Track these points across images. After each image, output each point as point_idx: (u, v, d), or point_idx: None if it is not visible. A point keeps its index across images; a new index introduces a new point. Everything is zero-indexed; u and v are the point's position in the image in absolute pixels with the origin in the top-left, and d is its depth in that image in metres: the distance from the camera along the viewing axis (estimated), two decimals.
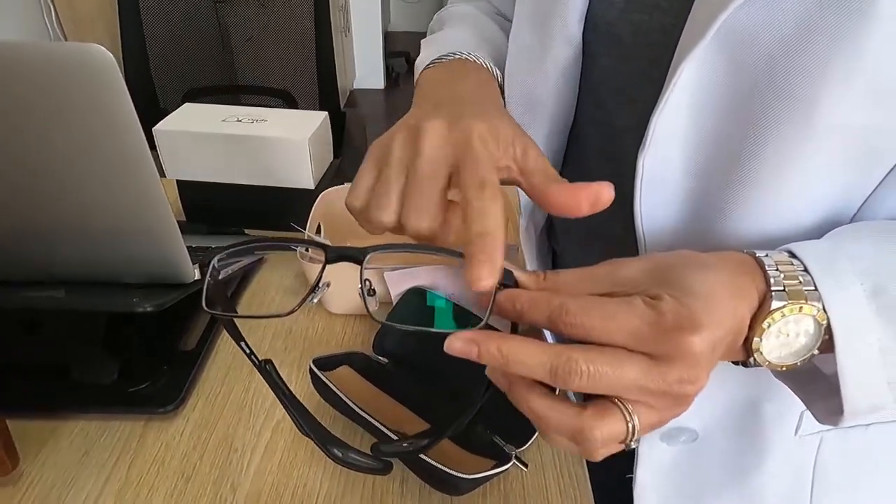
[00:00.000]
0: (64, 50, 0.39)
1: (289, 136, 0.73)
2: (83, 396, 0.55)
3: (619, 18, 0.38)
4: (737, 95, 0.32)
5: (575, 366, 0.26)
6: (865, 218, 0.35)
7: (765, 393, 0.42)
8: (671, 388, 0.27)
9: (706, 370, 0.27)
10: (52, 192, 0.47)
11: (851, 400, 0.29)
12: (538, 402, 0.29)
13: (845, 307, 0.28)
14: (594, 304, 0.27)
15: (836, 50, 0.28)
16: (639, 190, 0.37)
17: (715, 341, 0.27)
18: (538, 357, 0.27)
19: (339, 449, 0.36)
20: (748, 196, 0.34)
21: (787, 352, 0.29)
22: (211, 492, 0.49)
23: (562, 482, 0.50)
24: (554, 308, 0.28)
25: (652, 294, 0.27)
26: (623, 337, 0.27)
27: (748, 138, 0.32)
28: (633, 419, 0.27)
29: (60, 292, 0.52)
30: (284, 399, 0.36)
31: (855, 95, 0.29)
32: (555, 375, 0.27)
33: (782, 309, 0.28)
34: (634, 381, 0.26)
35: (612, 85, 0.41)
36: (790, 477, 0.45)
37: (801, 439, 0.43)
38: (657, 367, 0.27)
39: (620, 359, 0.27)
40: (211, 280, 0.34)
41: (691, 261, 0.29)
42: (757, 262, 0.30)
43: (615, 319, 0.27)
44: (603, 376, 0.26)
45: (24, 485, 0.48)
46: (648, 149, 0.35)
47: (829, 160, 0.32)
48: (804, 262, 0.29)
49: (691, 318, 0.26)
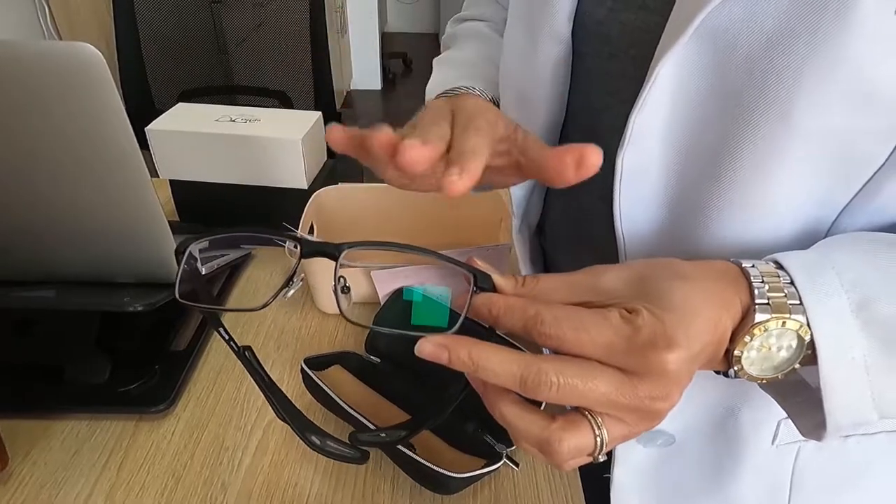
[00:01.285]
0: (53, 49, 0.40)
1: (282, 136, 0.73)
2: (74, 396, 0.55)
3: (608, 17, 0.38)
4: (716, 95, 0.32)
5: (545, 377, 0.26)
6: (844, 224, 0.34)
7: (743, 401, 0.42)
8: (642, 403, 0.27)
9: (679, 387, 0.27)
10: (42, 191, 0.47)
11: (835, 415, 0.29)
12: (508, 408, 0.29)
13: (830, 322, 0.28)
14: (568, 316, 0.27)
15: (815, 51, 0.28)
16: (618, 188, 0.37)
17: (690, 358, 0.27)
18: (508, 366, 0.27)
19: (316, 437, 0.36)
20: (727, 198, 0.34)
21: (768, 365, 0.29)
22: (202, 491, 0.49)
23: (553, 481, 0.50)
24: (529, 317, 0.28)
25: (629, 307, 0.27)
26: (596, 350, 0.27)
27: (726, 138, 0.32)
28: (602, 432, 0.27)
29: (51, 292, 0.52)
30: (263, 385, 0.36)
31: (834, 98, 0.29)
32: (524, 386, 0.27)
33: (765, 323, 0.27)
34: (605, 394, 0.26)
35: (599, 84, 0.41)
36: (767, 485, 0.45)
37: (778, 448, 0.43)
38: (629, 381, 0.26)
39: (592, 372, 0.26)
40: (187, 267, 0.33)
41: (673, 271, 0.29)
42: (742, 273, 0.29)
43: (589, 332, 0.27)
44: (573, 389, 0.26)
45: (14, 484, 0.48)
46: (627, 147, 0.35)
47: (808, 164, 0.31)
48: (790, 274, 0.29)
49: (666, 335, 0.26)
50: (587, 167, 0.30)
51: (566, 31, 0.40)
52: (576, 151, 0.30)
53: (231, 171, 0.75)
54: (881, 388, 0.28)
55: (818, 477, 0.45)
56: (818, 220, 0.34)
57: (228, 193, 0.76)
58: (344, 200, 0.75)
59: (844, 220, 0.34)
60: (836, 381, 0.28)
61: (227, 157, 0.74)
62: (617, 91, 0.39)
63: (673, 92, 0.33)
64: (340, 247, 0.31)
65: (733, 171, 0.32)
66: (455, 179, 0.29)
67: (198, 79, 1.55)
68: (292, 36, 1.49)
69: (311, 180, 0.77)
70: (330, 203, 0.74)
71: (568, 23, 0.40)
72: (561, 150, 0.31)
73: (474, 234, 0.75)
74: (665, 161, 0.35)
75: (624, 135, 0.35)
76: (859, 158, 0.32)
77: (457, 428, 0.50)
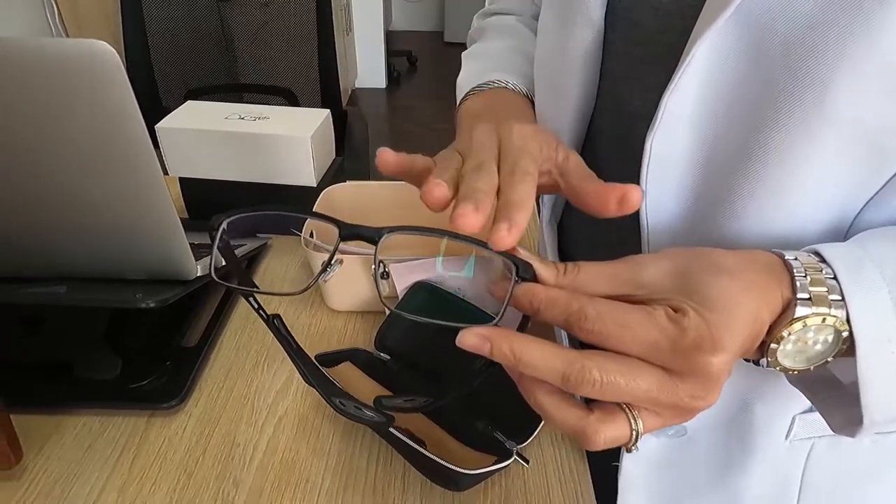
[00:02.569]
0: (67, 46, 0.40)
1: (291, 134, 0.73)
2: (86, 392, 0.55)
3: (639, 2, 0.38)
4: (749, 81, 0.32)
5: (588, 375, 0.26)
6: (869, 216, 0.34)
7: (757, 395, 0.42)
8: (681, 401, 0.27)
9: (719, 386, 0.27)
10: (56, 188, 0.47)
11: (871, 410, 0.28)
12: (545, 398, 0.29)
13: (871, 318, 0.27)
14: (613, 312, 0.27)
15: (852, 38, 0.27)
16: (645, 174, 0.36)
17: (733, 359, 0.27)
18: (551, 362, 0.27)
19: (342, 400, 0.37)
20: (755, 186, 0.33)
21: (801, 357, 0.29)
22: (214, 487, 0.49)
23: (563, 478, 0.50)
24: (572, 312, 0.28)
25: (675, 305, 0.27)
26: (639, 347, 0.27)
27: (758, 125, 0.32)
28: (638, 424, 0.28)
29: (63, 288, 0.53)
30: (291, 351, 0.36)
31: (869, 87, 0.28)
32: (567, 382, 0.27)
33: (805, 318, 0.27)
34: (646, 392, 0.27)
35: (629, 71, 0.41)
36: (777, 482, 0.45)
37: (791, 444, 0.43)
38: (670, 381, 0.27)
39: (634, 370, 0.26)
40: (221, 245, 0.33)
41: (715, 265, 0.29)
42: (785, 266, 0.29)
43: (633, 329, 0.26)
44: (615, 387, 0.26)
45: (27, 479, 0.48)
46: (657, 130, 0.35)
47: (839, 154, 0.31)
48: (832, 267, 0.28)
49: (713, 339, 0.26)
50: (629, 206, 0.31)
51: (599, 16, 0.40)
52: (619, 191, 0.31)
53: (240, 168, 0.76)
54: None
55: (830, 475, 0.44)
56: (844, 211, 0.34)
57: (238, 191, 0.77)
58: (353, 198, 0.75)
59: (869, 212, 0.34)
60: (875, 377, 0.28)
61: (237, 155, 0.75)
62: (646, 77, 0.39)
63: (706, 76, 0.32)
64: (381, 231, 0.31)
65: (763, 158, 0.32)
66: (504, 235, 0.29)
67: (205, 77, 1.55)
68: (299, 34, 1.50)
69: (320, 178, 0.77)
70: (339, 200, 0.74)
71: (601, 8, 0.40)
72: (605, 188, 0.31)
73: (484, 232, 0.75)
74: (694, 147, 0.35)
75: (654, 118, 0.34)
76: (889, 151, 0.31)
77: (467, 425, 0.51)
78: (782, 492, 0.45)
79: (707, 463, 0.45)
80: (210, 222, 0.33)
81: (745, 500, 0.45)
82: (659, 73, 0.34)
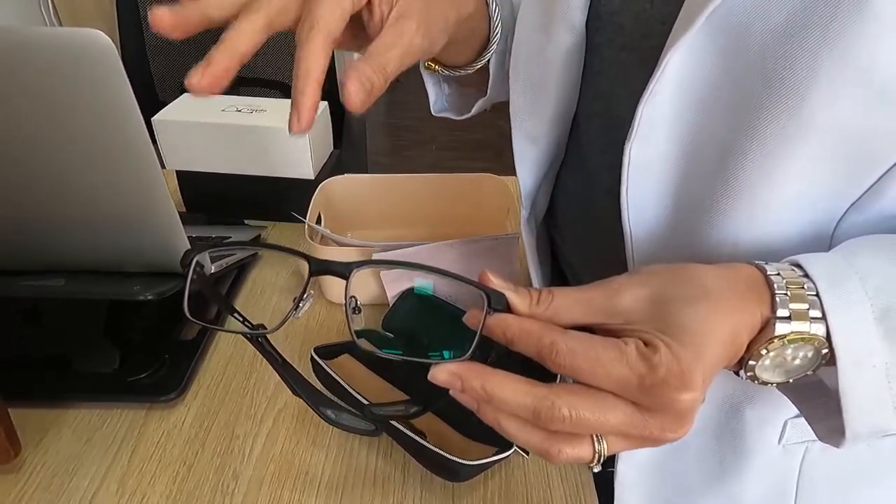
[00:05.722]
0: (62, 35, 0.39)
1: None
2: (85, 385, 0.55)
3: (622, 6, 0.38)
4: (725, 87, 0.31)
5: (558, 413, 0.27)
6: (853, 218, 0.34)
7: (746, 399, 0.41)
8: (651, 434, 0.27)
9: (690, 420, 0.28)
10: (52, 180, 0.47)
11: (853, 423, 0.28)
12: (507, 423, 0.29)
13: (852, 332, 0.27)
14: (584, 348, 0.27)
15: (828, 45, 0.27)
16: (625, 179, 0.36)
17: (706, 390, 0.27)
18: (521, 399, 0.27)
19: (331, 410, 0.36)
20: (733, 193, 0.33)
21: (780, 371, 0.29)
22: (213, 479, 0.49)
23: (563, 470, 0.51)
24: (544, 346, 0.28)
25: (647, 340, 0.27)
26: (610, 383, 0.27)
27: (736, 132, 0.32)
28: (602, 447, 0.28)
29: (60, 281, 0.52)
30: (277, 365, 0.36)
31: (847, 94, 0.28)
32: (538, 418, 0.27)
33: (784, 337, 0.27)
34: (616, 427, 0.27)
35: (611, 75, 0.41)
36: (772, 485, 0.44)
37: (785, 448, 0.43)
38: (640, 416, 0.27)
39: (604, 407, 0.27)
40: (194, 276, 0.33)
41: (696, 289, 0.28)
42: (766, 282, 0.29)
43: (604, 367, 0.27)
44: (585, 422, 0.27)
45: (26, 472, 0.48)
46: (635, 138, 0.34)
47: (818, 161, 0.31)
48: (815, 283, 0.28)
49: (682, 376, 0.26)
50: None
51: (580, 20, 0.40)
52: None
53: (238, 161, 0.75)
54: None
55: (826, 479, 0.44)
56: (826, 215, 0.34)
57: (235, 184, 0.76)
58: (351, 191, 0.75)
59: (853, 215, 0.34)
60: (857, 390, 0.28)
61: (234, 148, 0.74)
62: (629, 82, 0.39)
63: (682, 83, 0.32)
64: (350, 266, 0.31)
65: (741, 165, 0.32)
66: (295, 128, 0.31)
67: None
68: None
69: (317, 170, 0.77)
70: (337, 193, 0.74)
71: (582, 12, 0.39)
72: None
73: (482, 225, 0.75)
74: (673, 154, 0.35)
75: (632, 125, 0.34)
76: (871, 157, 0.31)
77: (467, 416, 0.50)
78: (779, 497, 0.45)
79: (701, 467, 0.45)
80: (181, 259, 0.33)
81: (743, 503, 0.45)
82: (642, 78, 0.34)
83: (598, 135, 0.44)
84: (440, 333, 0.58)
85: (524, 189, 0.51)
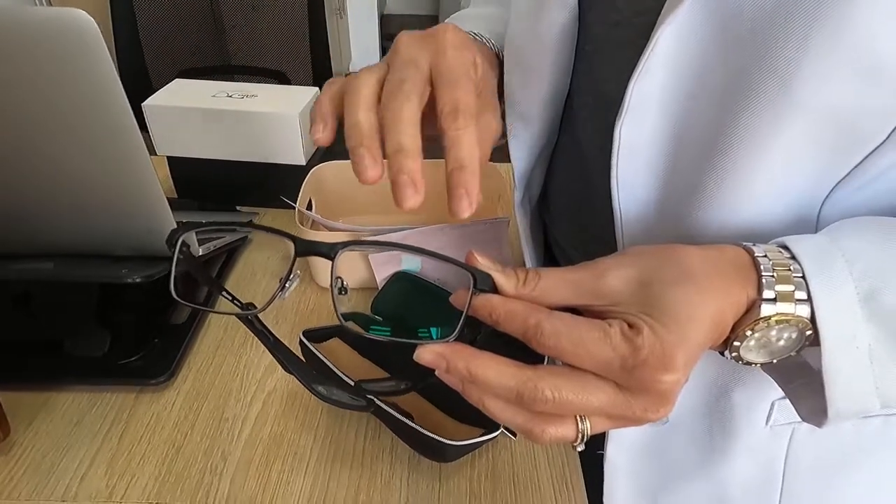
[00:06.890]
0: (43, 15, 0.39)
1: (280, 112, 0.72)
2: (75, 368, 0.55)
3: None
4: (716, 66, 0.31)
5: (541, 394, 0.27)
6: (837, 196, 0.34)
7: (735, 380, 0.42)
8: (634, 414, 0.28)
9: (672, 401, 0.28)
10: (37, 163, 0.46)
11: (836, 403, 0.29)
12: (491, 402, 0.29)
13: (837, 313, 0.27)
14: (569, 330, 0.27)
15: (819, 21, 0.27)
16: (615, 158, 0.36)
17: (688, 372, 0.27)
18: (505, 380, 0.28)
19: (323, 387, 0.37)
20: (721, 173, 0.33)
21: (765, 352, 0.29)
22: (202, 460, 0.49)
23: (550, 451, 0.51)
24: (530, 326, 0.28)
25: (631, 321, 0.27)
26: (594, 365, 0.27)
27: (725, 110, 0.32)
28: (585, 426, 0.28)
29: (49, 264, 0.52)
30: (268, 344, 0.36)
31: (837, 71, 0.28)
32: (521, 400, 0.27)
33: (769, 318, 0.28)
34: (599, 408, 0.27)
35: (604, 53, 0.40)
36: (761, 466, 0.45)
37: (772, 429, 0.43)
38: (623, 396, 0.27)
39: (587, 388, 0.27)
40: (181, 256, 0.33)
41: (679, 270, 0.28)
42: (753, 264, 0.29)
43: (587, 348, 0.27)
44: (568, 403, 0.27)
45: (17, 453, 0.49)
46: (626, 116, 0.34)
47: (807, 141, 0.31)
48: (801, 264, 0.28)
49: (664, 358, 0.26)
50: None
51: None
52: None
53: (228, 146, 0.75)
54: (885, 377, 0.28)
55: (813, 459, 0.44)
56: (813, 194, 0.34)
57: (226, 169, 0.76)
58: (342, 176, 0.75)
59: (838, 193, 0.34)
60: (840, 371, 0.28)
61: (225, 133, 0.74)
62: (621, 61, 0.39)
63: (673, 61, 0.32)
64: (335, 247, 0.31)
65: (731, 143, 0.32)
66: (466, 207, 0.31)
67: (195, 58, 1.54)
68: (290, 17, 1.48)
69: (308, 156, 0.76)
70: (328, 179, 0.74)
71: None
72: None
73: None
74: (663, 133, 0.35)
75: (622, 104, 0.34)
76: (859, 136, 0.31)
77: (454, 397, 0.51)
78: (767, 477, 0.45)
79: (690, 449, 0.46)
80: (167, 238, 0.33)
81: (731, 486, 0.46)
82: (634, 55, 0.34)
83: (590, 115, 0.44)
84: (428, 316, 0.58)
85: (518, 171, 0.51)
